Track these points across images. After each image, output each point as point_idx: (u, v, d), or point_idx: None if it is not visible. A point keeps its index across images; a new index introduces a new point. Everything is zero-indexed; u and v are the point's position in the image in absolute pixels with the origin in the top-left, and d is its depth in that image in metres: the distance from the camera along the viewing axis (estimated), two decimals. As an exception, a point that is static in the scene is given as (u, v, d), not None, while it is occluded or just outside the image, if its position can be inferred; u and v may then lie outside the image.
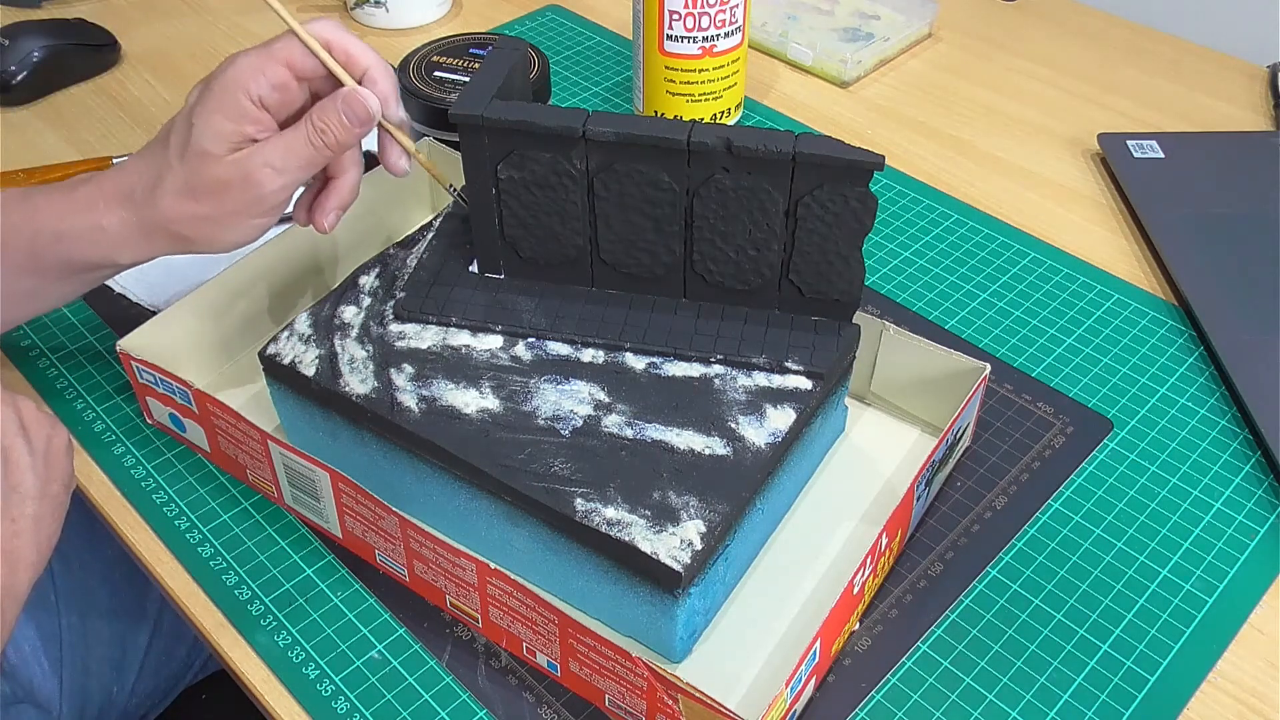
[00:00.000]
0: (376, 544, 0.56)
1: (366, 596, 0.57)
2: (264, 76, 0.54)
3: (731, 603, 0.56)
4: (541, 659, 0.53)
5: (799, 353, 0.56)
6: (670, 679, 0.47)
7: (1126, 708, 0.52)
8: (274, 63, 0.55)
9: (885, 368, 0.63)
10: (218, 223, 0.56)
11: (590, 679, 0.51)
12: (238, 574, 0.57)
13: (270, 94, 0.55)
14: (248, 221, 0.56)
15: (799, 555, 0.58)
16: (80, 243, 0.57)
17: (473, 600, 0.53)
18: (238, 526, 0.60)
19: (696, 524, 0.50)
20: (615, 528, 0.49)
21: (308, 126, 0.55)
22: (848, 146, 0.53)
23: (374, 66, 0.57)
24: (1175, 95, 0.92)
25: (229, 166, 0.54)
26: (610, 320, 0.58)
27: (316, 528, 0.59)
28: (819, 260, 0.56)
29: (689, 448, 0.53)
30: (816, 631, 0.49)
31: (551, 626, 0.50)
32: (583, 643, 0.50)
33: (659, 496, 0.51)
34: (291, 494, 0.59)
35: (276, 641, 0.55)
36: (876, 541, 0.52)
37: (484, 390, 0.55)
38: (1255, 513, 0.60)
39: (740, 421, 0.54)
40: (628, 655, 0.48)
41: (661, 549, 0.48)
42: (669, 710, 0.48)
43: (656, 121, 0.55)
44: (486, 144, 0.56)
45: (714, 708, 0.46)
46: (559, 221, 0.58)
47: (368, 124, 0.56)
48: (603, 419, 0.54)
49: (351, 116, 0.55)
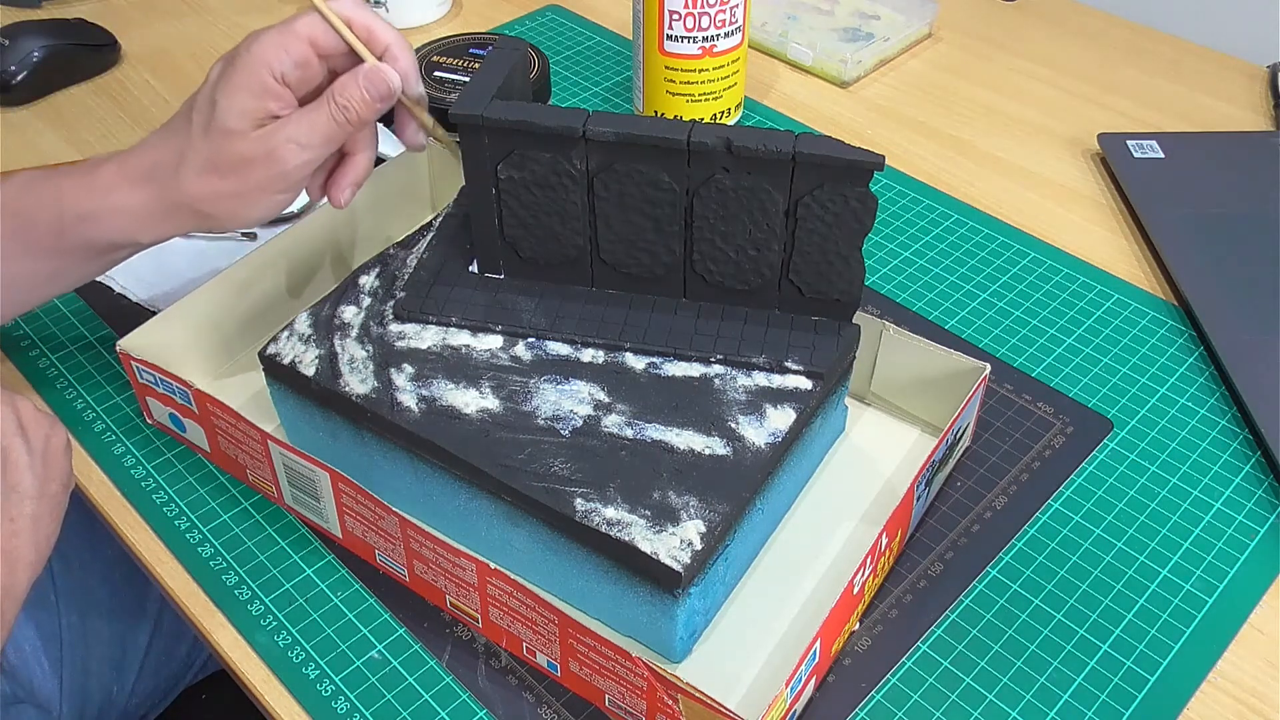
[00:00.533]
0: (376, 544, 0.56)
1: (366, 596, 0.57)
2: (286, 53, 0.55)
3: (731, 603, 0.56)
4: (541, 659, 0.53)
5: (799, 353, 0.56)
6: (670, 679, 0.47)
7: (1126, 708, 0.52)
8: (296, 39, 0.55)
9: (885, 368, 0.63)
10: (241, 198, 0.56)
11: (590, 679, 0.51)
12: (238, 574, 0.57)
13: (293, 71, 0.55)
14: (270, 197, 0.56)
15: (799, 555, 0.58)
16: (104, 223, 0.57)
17: (473, 600, 0.53)
18: (238, 526, 0.60)
19: (696, 524, 0.50)
20: (615, 528, 0.49)
21: (330, 103, 0.55)
22: (848, 146, 0.53)
23: (394, 44, 0.57)
24: (1175, 95, 0.92)
25: (253, 143, 0.54)
26: (610, 320, 0.58)
27: (316, 528, 0.59)
28: (819, 260, 0.56)
29: (689, 448, 0.53)
30: (816, 631, 0.49)
31: (551, 626, 0.50)
32: (583, 643, 0.50)
33: (659, 496, 0.51)
34: (291, 494, 0.59)
35: (276, 641, 0.55)
36: (876, 541, 0.52)
37: (484, 390, 0.55)
38: (1255, 513, 0.60)
39: (740, 421, 0.54)
40: (628, 655, 0.48)
41: (661, 549, 0.48)
42: (669, 710, 0.48)
43: (656, 121, 0.55)
44: (486, 144, 0.56)
45: (714, 708, 0.46)
46: (559, 221, 0.58)
47: (389, 99, 0.56)
48: (603, 419, 0.54)
49: (373, 92, 0.56)
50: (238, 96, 0.54)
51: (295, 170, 0.56)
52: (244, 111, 0.54)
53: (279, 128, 0.55)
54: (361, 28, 0.56)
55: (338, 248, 0.70)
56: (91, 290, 0.72)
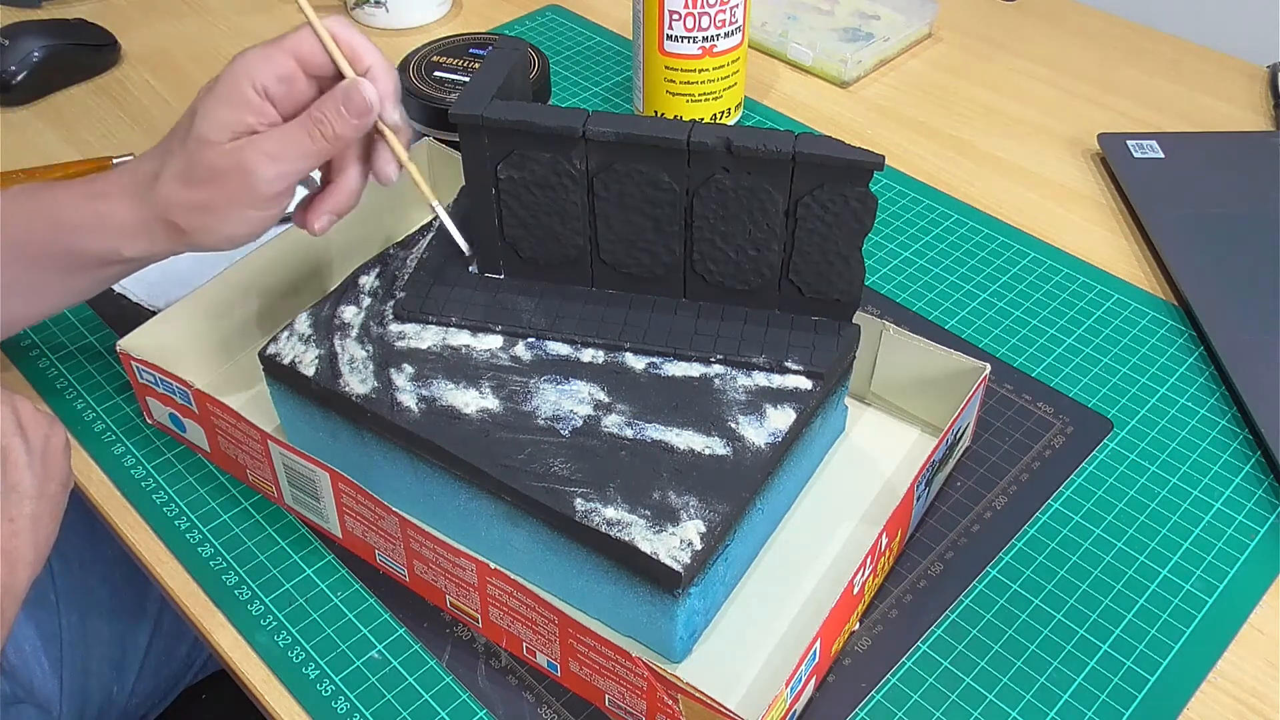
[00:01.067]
0: (376, 544, 0.56)
1: (366, 596, 0.57)
2: (269, 66, 0.54)
3: (731, 603, 0.56)
4: (541, 659, 0.53)
5: (799, 352, 0.56)
6: (670, 679, 0.47)
7: (1126, 708, 0.52)
8: (281, 54, 0.55)
9: (885, 368, 0.63)
10: (212, 212, 0.55)
11: (590, 679, 0.51)
12: (238, 574, 0.57)
13: (275, 85, 0.55)
14: (242, 213, 0.56)
15: (799, 555, 0.58)
16: (88, 232, 0.57)
17: (473, 600, 0.53)
18: (238, 526, 0.60)
19: (696, 524, 0.50)
20: (615, 528, 0.49)
21: (306, 117, 0.55)
22: (848, 146, 0.53)
23: (377, 66, 0.57)
24: (1175, 95, 0.92)
25: (226, 154, 0.54)
26: (610, 320, 0.58)
27: (316, 528, 0.59)
28: (819, 260, 0.56)
29: (689, 448, 0.53)
30: (816, 631, 0.49)
31: (552, 626, 0.50)
32: (583, 643, 0.50)
33: (659, 496, 0.51)
34: (291, 494, 0.59)
35: (276, 641, 0.55)
36: (876, 541, 0.52)
37: (484, 390, 0.55)
38: (1255, 513, 0.60)
39: (740, 421, 0.54)
40: (628, 655, 0.48)
41: (661, 549, 0.48)
42: (669, 710, 0.48)
43: (656, 121, 0.55)
44: (486, 144, 0.56)
45: (714, 708, 0.46)
46: (559, 221, 0.58)
47: (365, 115, 0.56)
48: (603, 419, 0.54)
49: (350, 107, 0.55)
50: (217, 108, 0.54)
51: (266, 185, 0.55)
52: (221, 123, 0.54)
53: (253, 141, 0.54)
54: (346, 45, 0.56)
55: (338, 248, 0.70)
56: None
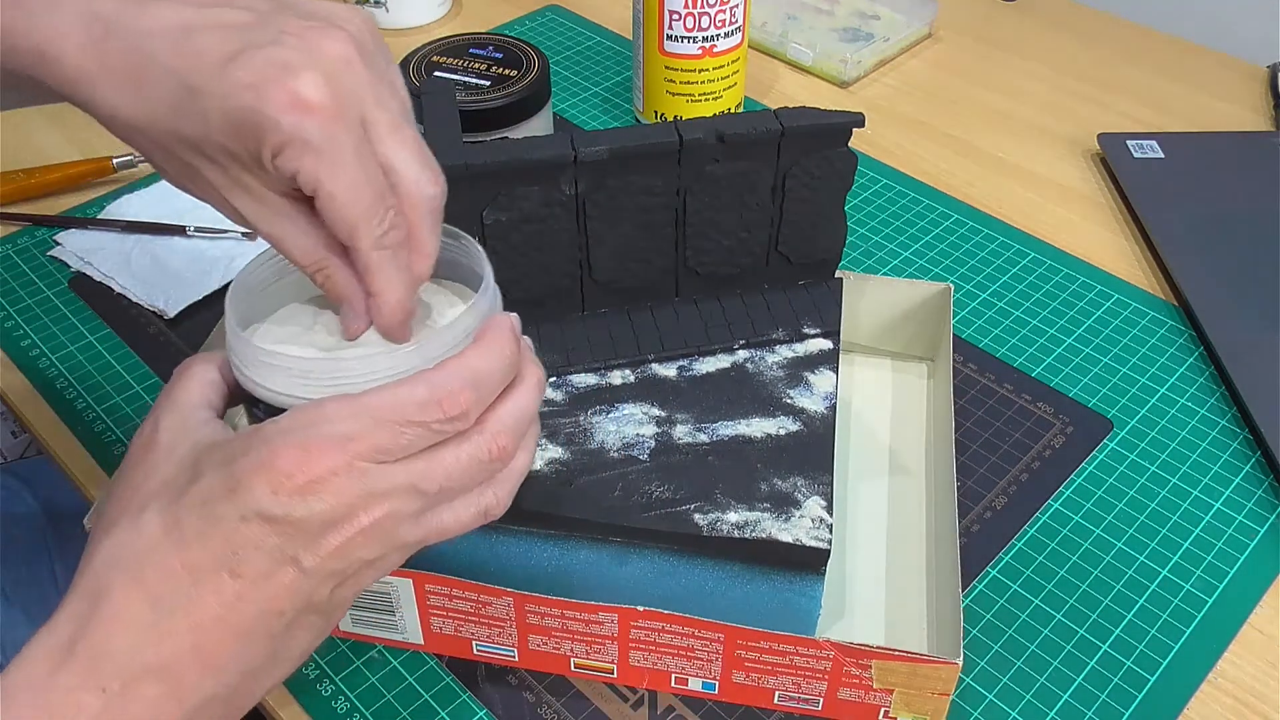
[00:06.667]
0: (476, 635, 0.52)
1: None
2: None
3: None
4: (695, 683, 0.51)
5: (808, 316, 0.58)
6: (860, 649, 0.47)
7: (1126, 708, 0.52)
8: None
9: (857, 315, 0.65)
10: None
11: (759, 682, 0.50)
12: (238, 574, 0.57)
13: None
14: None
15: (853, 504, 0.59)
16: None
17: (608, 653, 0.51)
18: (238, 526, 0.60)
19: (816, 500, 0.50)
20: (746, 529, 0.49)
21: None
22: (824, 112, 0.55)
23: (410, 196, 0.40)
24: (1175, 95, 0.92)
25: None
26: (620, 337, 0.58)
27: (388, 643, 0.54)
28: (806, 226, 0.58)
29: (765, 434, 0.53)
30: (955, 558, 0.50)
31: (714, 645, 0.49)
32: (752, 649, 0.48)
33: (767, 488, 0.51)
34: (351, 618, 0.53)
35: (277, 641, 0.55)
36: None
37: (541, 442, 0.52)
38: (1255, 513, 0.60)
39: (792, 395, 0.55)
40: (812, 643, 0.47)
41: (801, 534, 0.49)
42: (856, 681, 0.48)
43: (643, 129, 0.55)
44: (468, 192, 0.53)
45: (920, 659, 0.46)
46: (549, 253, 0.56)
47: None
48: (671, 433, 0.53)
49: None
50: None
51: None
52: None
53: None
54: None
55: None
56: (93, 291, 0.72)
